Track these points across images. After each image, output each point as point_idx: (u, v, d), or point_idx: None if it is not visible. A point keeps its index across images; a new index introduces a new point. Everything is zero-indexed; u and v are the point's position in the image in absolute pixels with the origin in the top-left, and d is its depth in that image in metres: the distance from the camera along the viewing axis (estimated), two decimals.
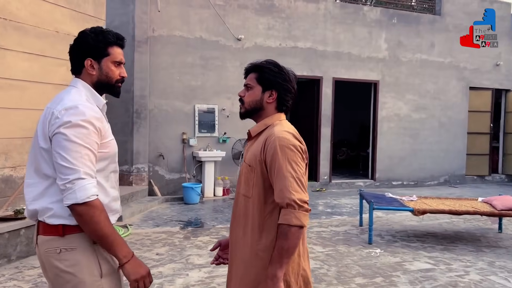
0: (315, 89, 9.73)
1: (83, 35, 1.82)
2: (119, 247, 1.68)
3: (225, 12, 8.66)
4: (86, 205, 1.61)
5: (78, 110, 1.66)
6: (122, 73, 1.87)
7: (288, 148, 1.75)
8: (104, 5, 6.30)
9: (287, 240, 1.68)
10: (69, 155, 1.61)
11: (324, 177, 9.78)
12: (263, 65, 1.92)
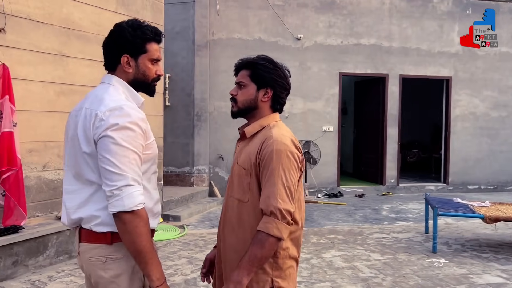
0: (380, 87, 9.27)
1: (120, 28, 1.70)
2: (154, 267, 1.55)
3: (284, 12, 8.55)
4: (132, 213, 1.51)
5: (124, 111, 1.56)
6: (158, 71, 1.77)
7: (285, 154, 1.64)
8: (162, 11, 6.48)
9: (262, 249, 1.58)
10: (117, 160, 1.51)
11: (390, 180, 9.27)
12: (256, 61, 1.79)
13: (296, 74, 8.63)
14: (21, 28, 4.54)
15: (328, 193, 8.70)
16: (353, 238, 5.53)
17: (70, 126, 1.69)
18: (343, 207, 7.70)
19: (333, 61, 8.80)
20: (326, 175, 8.84)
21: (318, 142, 8.53)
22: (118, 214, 1.51)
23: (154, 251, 1.57)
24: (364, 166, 10.14)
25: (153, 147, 1.69)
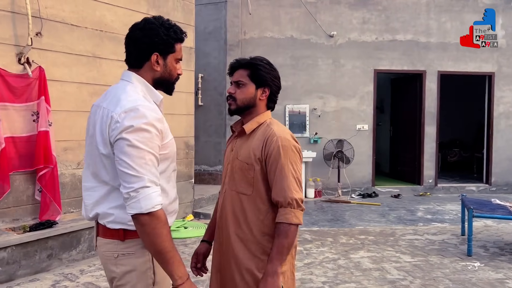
0: (418, 84, 8.97)
1: (153, 26, 1.67)
2: (176, 265, 1.55)
3: (317, 9, 8.45)
4: (150, 215, 1.51)
5: (139, 112, 1.55)
6: (180, 70, 1.78)
7: (290, 149, 1.81)
8: (193, 12, 6.57)
9: (287, 238, 1.73)
10: (134, 162, 1.52)
11: (428, 180, 8.96)
12: (255, 62, 1.90)
13: (329, 71, 8.52)
14: (57, 32, 4.73)
15: (363, 193, 8.52)
16: (384, 239, 5.39)
17: (90, 123, 1.72)
18: (376, 207, 7.53)
19: (367, 58, 8.61)
20: (360, 175, 8.67)
21: (351, 141, 8.38)
22: (136, 216, 1.52)
23: (175, 250, 1.57)
24: (400, 166, 9.87)
25: (170, 146, 1.69)
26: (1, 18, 4.27)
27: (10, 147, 4.30)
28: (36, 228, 4.20)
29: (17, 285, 3.81)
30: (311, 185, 8.27)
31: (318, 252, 4.87)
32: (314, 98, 8.51)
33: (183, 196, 6.43)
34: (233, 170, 1.89)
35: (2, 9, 4.27)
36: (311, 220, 6.50)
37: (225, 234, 1.88)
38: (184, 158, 6.42)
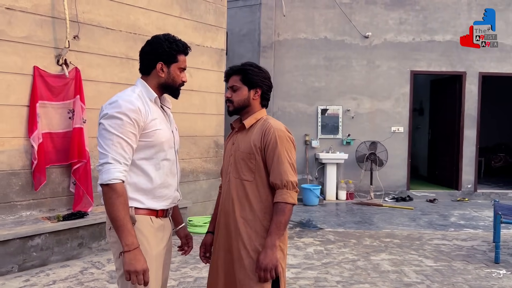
0: (457, 86, 8.69)
1: (158, 41, 1.99)
2: (125, 234, 1.76)
3: (352, 10, 8.39)
4: (108, 186, 1.78)
5: (117, 103, 1.85)
6: (184, 78, 2.06)
7: (285, 139, 2.05)
8: (225, 14, 6.74)
9: (284, 215, 1.98)
10: (103, 142, 1.82)
11: (467, 185, 8.64)
12: (245, 67, 2.15)
13: (363, 72, 8.44)
14: (93, 35, 5.04)
15: (396, 197, 8.36)
16: (409, 243, 5.30)
17: None
18: (408, 211, 7.37)
19: (403, 59, 8.45)
20: (394, 178, 8.50)
21: (386, 143, 8.25)
22: (101, 186, 1.81)
23: (127, 221, 1.78)
24: (439, 170, 9.57)
25: (155, 136, 1.92)
26: (42, 23, 4.62)
27: (47, 142, 4.64)
28: (69, 218, 4.50)
29: (50, 270, 4.11)
30: (342, 187, 8.22)
31: (338, 252, 4.87)
32: (348, 99, 8.46)
33: (213, 194, 6.61)
34: (236, 161, 2.11)
35: (43, 15, 4.61)
36: (338, 221, 6.47)
37: (232, 218, 2.09)
38: (213, 157, 6.60)
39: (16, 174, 4.48)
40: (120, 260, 1.81)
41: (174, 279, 3.97)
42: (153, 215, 1.93)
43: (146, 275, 1.78)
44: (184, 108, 6.11)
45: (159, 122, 1.94)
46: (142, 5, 5.54)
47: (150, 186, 1.91)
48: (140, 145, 1.89)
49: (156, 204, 1.93)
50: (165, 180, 1.96)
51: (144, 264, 1.78)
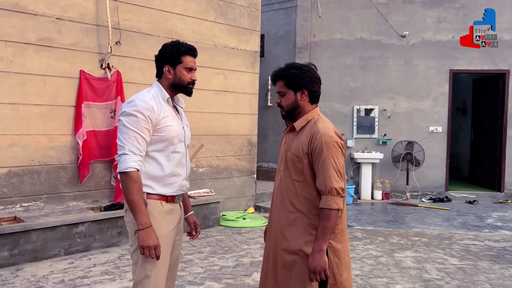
0: (500, 85, 8.42)
1: (164, 47, 2.27)
2: (140, 215, 2.04)
3: (388, 9, 8.37)
4: (124, 174, 2.06)
5: (133, 103, 2.13)
6: (192, 76, 2.28)
7: (332, 144, 2.07)
8: (259, 18, 6.98)
9: (329, 221, 2.02)
10: (122, 136, 2.11)
11: (510, 187, 8.36)
12: (286, 72, 2.20)
13: (400, 72, 8.39)
14: (133, 40, 5.46)
15: (434, 198, 8.24)
16: (437, 242, 5.29)
17: None
18: (444, 212, 7.27)
19: (442, 58, 8.31)
20: (432, 179, 8.38)
21: (424, 143, 8.15)
22: (119, 174, 2.11)
23: (141, 204, 2.06)
24: (480, 171, 9.30)
25: (166, 131, 2.19)
26: (88, 31, 5.08)
27: (91, 139, 5.09)
28: (109, 208, 4.92)
29: (91, 255, 4.53)
30: (378, 187, 8.22)
31: (363, 249, 4.97)
32: (384, 99, 8.44)
33: (246, 190, 6.89)
34: (286, 160, 2.21)
35: (88, 23, 5.07)
36: (369, 220, 6.53)
37: (277, 214, 2.22)
38: (247, 155, 6.86)
39: (64, 168, 4.96)
40: (135, 237, 2.10)
41: (202, 266, 4.26)
42: (163, 200, 2.20)
43: (157, 250, 2.06)
44: (218, 108, 6.43)
45: (170, 119, 2.21)
46: (179, 11, 5.90)
47: (161, 174, 2.19)
48: (153, 139, 2.17)
49: (166, 190, 2.20)
50: (174, 169, 2.23)
51: (155, 240, 2.06)
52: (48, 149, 4.82)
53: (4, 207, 4.55)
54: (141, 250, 2.05)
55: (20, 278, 3.83)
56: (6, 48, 4.51)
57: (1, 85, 4.50)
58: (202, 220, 5.72)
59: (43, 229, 4.31)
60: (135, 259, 2.17)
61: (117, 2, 5.25)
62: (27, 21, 4.62)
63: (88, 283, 3.76)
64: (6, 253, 4.10)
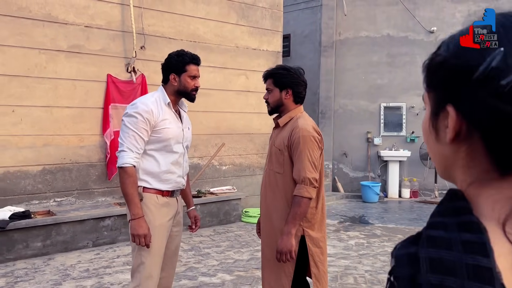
0: None
1: (169, 57, 2.49)
2: (133, 206, 2.27)
3: (415, 5, 8.26)
4: (121, 169, 2.29)
5: (135, 105, 2.36)
6: (196, 84, 2.50)
7: (309, 138, 2.25)
8: (281, 18, 7.11)
9: (299, 207, 2.20)
10: (122, 134, 2.34)
11: None
12: (274, 71, 2.41)
13: None
14: (157, 45, 5.75)
15: None
16: None
17: None
18: None
19: None
20: None
21: None
22: (118, 169, 2.33)
23: (135, 197, 2.28)
24: None
25: (163, 133, 2.39)
26: (115, 37, 5.41)
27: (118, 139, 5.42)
28: None
29: (117, 247, 4.84)
30: (406, 185, 8.14)
31: (379, 246, 5.01)
32: (412, 95, 8.34)
33: None
34: (271, 154, 2.41)
35: (115, 30, 5.40)
36: (392, 218, 6.51)
37: (264, 203, 2.45)
38: None
39: (94, 166, 5.31)
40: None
41: (217, 259, 4.46)
42: (159, 194, 2.41)
43: (147, 239, 2.26)
44: (240, 108, 6.62)
45: (168, 122, 2.41)
46: (201, 15, 6.14)
47: (158, 171, 2.39)
48: (151, 138, 2.37)
49: (161, 186, 2.40)
50: (170, 167, 2.42)
51: (145, 230, 2.25)
52: (78, 148, 5.19)
53: (39, 201, 4.95)
54: (132, 238, 2.27)
55: (50, 267, 4.18)
56: (40, 56, 4.90)
57: (36, 90, 4.90)
58: (223, 216, 5.94)
59: (72, 222, 4.67)
60: (133, 247, 2.39)
61: (141, 9, 5.55)
62: (58, 30, 5.00)
63: (110, 272, 4.06)
64: (40, 243, 4.48)
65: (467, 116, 0.50)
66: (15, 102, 4.77)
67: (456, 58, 0.52)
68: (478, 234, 0.45)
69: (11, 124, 4.76)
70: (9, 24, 4.70)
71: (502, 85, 0.46)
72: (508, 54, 0.47)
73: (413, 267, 0.47)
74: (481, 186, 0.51)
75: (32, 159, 4.89)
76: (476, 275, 0.43)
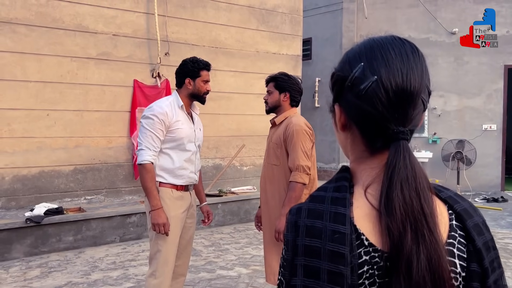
0: None
1: (185, 63, 2.74)
2: (152, 198, 2.53)
3: (437, 7, 8.28)
4: (141, 165, 2.55)
5: (152, 108, 2.62)
6: (207, 87, 2.77)
7: (301, 132, 2.59)
8: (300, 23, 7.29)
9: (294, 192, 2.51)
10: (140, 135, 2.60)
11: None
12: (277, 76, 2.76)
13: (450, 69, 8.25)
14: (180, 51, 6.04)
15: (488, 198, 7.99)
16: None
17: None
18: (494, 212, 7.07)
19: (496, 54, 8.05)
20: (486, 178, 8.14)
21: (476, 141, 7.96)
22: (138, 166, 2.59)
23: (154, 190, 2.53)
24: None
25: (177, 133, 2.64)
26: (141, 44, 5.73)
27: None
28: None
29: (142, 242, 5.13)
30: None
31: None
32: (434, 96, 8.27)
33: None
34: (269, 149, 2.74)
35: (140, 37, 5.72)
36: None
37: (264, 193, 2.76)
38: None
39: (121, 166, 5.64)
40: (150, 217, 2.57)
41: (235, 255, 4.68)
42: (174, 188, 2.65)
43: (166, 227, 2.51)
44: (261, 110, 6.77)
45: (181, 123, 2.65)
46: (222, 22, 6.40)
47: (172, 167, 2.63)
48: (166, 138, 2.62)
49: (176, 181, 2.64)
50: (183, 164, 2.66)
51: (164, 219, 2.51)
52: (107, 149, 5.53)
53: (71, 199, 5.31)
54: (152, 227, 2.52)
55: (81, 259, 4.50)
56: (71, 63, 5.27)
57: (68, 95, 5.27)
58: (244, 214, 6.16)
59: (101, 218, 4.99)
60: (150, 236, 2.64)
61: (165, 17, 5.86)
62: (88, 38, 5.36)
63: (134, 265, 4.34)
64: (71, 237, 4.82)
65: (345, 112, 0.70)
66: (50, 107, 5.15)
67: (339, 71, 0.72)
68: (343, 193, 0.66)
69: (45, 127, 5.13)
70: (44, 35, 5.09)
71: (361, 89, 0.66)
72: (365, 67, 0.67)
73: (297, 215, 0.68)
74: (359, 162, 0.71)
75: (64, 159, 5.26)
76: (335, 218, 0.63)
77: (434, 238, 0.62)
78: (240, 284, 3.86)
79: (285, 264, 0.68)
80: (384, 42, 0.72)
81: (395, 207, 0.63)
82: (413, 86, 0.68)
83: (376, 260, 0.64)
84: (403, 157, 0.66)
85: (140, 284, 3.83)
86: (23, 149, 5.03)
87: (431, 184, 0.68)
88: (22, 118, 5.02)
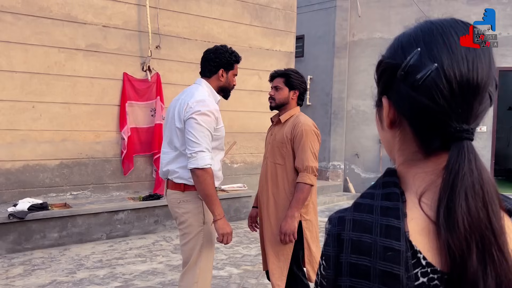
0: None
1: (222, 51, 2.47)
2: (216, 206, 2.26)
3: (430, 7, 8.25)
4: (203, 170, 2.22)
5: (205, 103, 2.30)
6: (235, 81, 2.59)
7: (310, 132, 2.52)
8: (294, 20, 7.20)
9: (302, 193, 2.45)
10: (196, 133, 2.24)
11: None
12: (289, 72, 2.65)
13: None
14: (172, 44, 5.90)
15: None
16: None
17: (170, 110, 2.51)
18: None
19: None
20: None
21: None
22: (193, 170, 2.24)
23: (217, 196, 2.29)
24: None
25: (221, 131, 2.43)
26: (131, 37, 5.57)
27: (134, 135, 5.59)
28: (147, 198, 5.38)
29: (129, 240, 5.00)
30: None
31: None
32: None
33: None
34: (273, 148, 2.61)
35: (131, 29, 5.57)
36: None
37: (265, 193, 2.64)
38: None
39: (109, 161, 5.49)
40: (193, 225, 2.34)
41: (226, 254, 4.58)
42: None
43: (231, 236, 2.31)
44: (253, 107, 6.73)
45: (221, 120, 2.43)
46: (215, 16, 6.28)
47: (217, 168, 2.43)
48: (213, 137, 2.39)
49: (216, 183, 2.42)
50: (219, 165, 2.49)
51: (230, 227, 2.32)
52: (94, 144, 5.37)
53: (56, 194, 5.15)
54: (220, 237, 2.29)
55: (66, 257, 4.36)
56: (59, 54, 5.10)
57: (55, 87, 5.09)
58: (234, 212, 6.05)
59: (87, 215, 4.84)
60: (193, 244, 2.37)
61: (157, 9, 5.71)
62: (77, 29, 5.19)
63: (122, 263, 4.21)
64: (56, 234, 4.67)
65: (396, 106, 0.60)
66: (35, 99, 4.97)
67: (388, 58, 0.61)
68: (395, 202, 0.56)
69: (31, 120, 4.96)
70: (30, 24, 4.90)
71: (417, 78, 0.56)
72: (423, 54, 0.57)
73: (340, 226, 0.58)
74: (409, 165, 0.61)
75: (50, 153, 5.09)
76: (386, 232, 0.53)
77: (504, 259, 0.52)
78: (231, 285, 3.77)
79: (324, 284, 0.58)
80: (445, 25, 0.62)
81: (457, 221, 0.53)
82: (480, 77, 0.58)
83: (435, 283, 0.54)
84: (468, 160, 0.56)
85: (127, 284, 3.70)
86: (7, 142, 4.85)
87: (500, 194, 0.58)
88: (7, 109, 4.83)
